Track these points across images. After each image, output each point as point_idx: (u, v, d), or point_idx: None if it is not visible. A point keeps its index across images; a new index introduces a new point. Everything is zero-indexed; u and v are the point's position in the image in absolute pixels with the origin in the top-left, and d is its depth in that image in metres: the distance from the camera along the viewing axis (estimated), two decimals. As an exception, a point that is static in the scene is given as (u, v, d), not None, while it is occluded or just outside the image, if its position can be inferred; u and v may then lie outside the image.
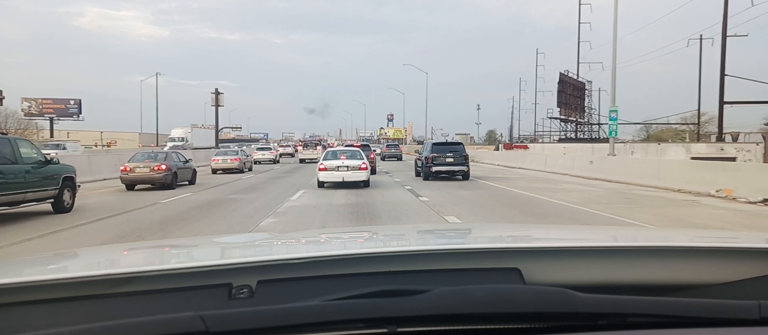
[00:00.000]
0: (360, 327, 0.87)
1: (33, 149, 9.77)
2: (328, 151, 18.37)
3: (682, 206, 11.43)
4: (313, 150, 34.28)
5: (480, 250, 1.28)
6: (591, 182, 17.94)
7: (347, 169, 15.21)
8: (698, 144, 36.05)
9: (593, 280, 1.13)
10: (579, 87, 60.63)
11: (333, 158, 16.22)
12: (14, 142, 9.15)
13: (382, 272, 1.11)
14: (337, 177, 15.23)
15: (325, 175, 15.47)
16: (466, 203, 10.98)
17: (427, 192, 13.69)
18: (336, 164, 15.52)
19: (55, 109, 60.47)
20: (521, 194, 13.98)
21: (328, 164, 15.67)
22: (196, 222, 9.20)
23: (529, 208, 10.90)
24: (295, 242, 1.73)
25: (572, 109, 59.45)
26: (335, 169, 15.26)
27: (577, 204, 11.33)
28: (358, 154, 16.66)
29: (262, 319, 0.85)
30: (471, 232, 2.18)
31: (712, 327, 0.92)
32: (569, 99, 58.60)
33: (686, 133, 53.07)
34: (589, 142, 52.28)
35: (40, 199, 9.37)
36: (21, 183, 8.83)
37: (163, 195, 13.28)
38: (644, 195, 13.74)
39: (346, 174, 15.17)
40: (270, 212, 10.21)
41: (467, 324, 0.91)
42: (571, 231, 2.40)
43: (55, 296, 0.97)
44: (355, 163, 15.61)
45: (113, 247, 3.44)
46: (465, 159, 18.03)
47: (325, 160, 16.08)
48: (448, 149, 18.45)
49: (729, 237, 1.71)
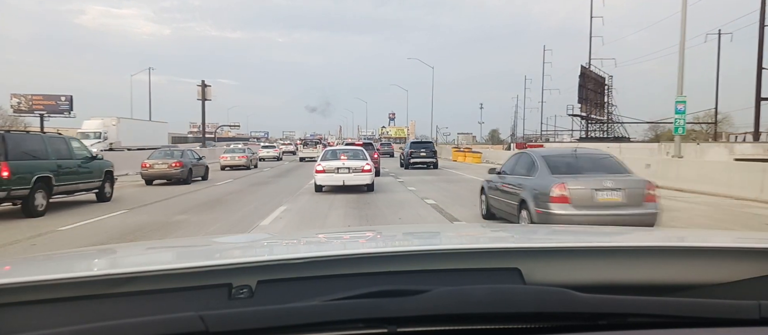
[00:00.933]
0: (360, 327, 0.93)
1: (81, 146, 12.01)
2: (326, 150, 16.69)
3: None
4: (313, 148, 36.56)
5: (480, 250, 1.35)
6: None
7: (349, 171, 14.09)
8: (742, 144, 34.68)
9: (593, 280, 1.20)
10: (599, 82, 58.20)
11: (332, 158, 14.93)
12: (68, 141, 11.49)
13: (382, 272, 1.18)
14: (337, 180, 14.06)
15: (324, 178, 14.25)
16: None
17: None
18: (335, 165, 14.32)
19: (45, 105, 61.11)
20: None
21: (326, 165, 14.37)
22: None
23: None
24: (295, 242, 1.81)
25: (593, 106, 56.88)
26: (334, 171, 14.14)
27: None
28: (360, 154, 15.37)
29: (262, 319, 0.90)
30: (471, 232, 2.28)
31: (712, 327, 0.97)
32: (590, 94, 56.31)
33: (698, 133, 52.34)
34: (612, 141, 50.41)
35: (88, 189, 11.63)
36: (75, 175, 11.09)
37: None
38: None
39: (348, 177, 14.05)
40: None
41: (467, 324, 0.97)
42: (571, 231, 2.60)
43: (55, 296, 1.03)
44: (357, 163, 14.39)
45: (113, 247, 3.59)
46: (434, 154, 26.03)
47: (323, 161, 14.72)
48: (422, 146, 27.10)
49: (729, 237, 1.81)
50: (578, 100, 54.88)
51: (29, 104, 60.33)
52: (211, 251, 1.66)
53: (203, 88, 49.50)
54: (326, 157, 15.17)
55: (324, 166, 14.38)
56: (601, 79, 58.45)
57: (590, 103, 55.91)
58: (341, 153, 15.39)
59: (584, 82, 55.01)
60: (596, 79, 57.34)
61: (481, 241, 1.75)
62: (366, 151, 16.23)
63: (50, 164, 10.21)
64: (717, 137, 45.90)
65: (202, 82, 49.51)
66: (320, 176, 14.31)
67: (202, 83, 49.52)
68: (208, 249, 1.70)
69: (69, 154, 11.06)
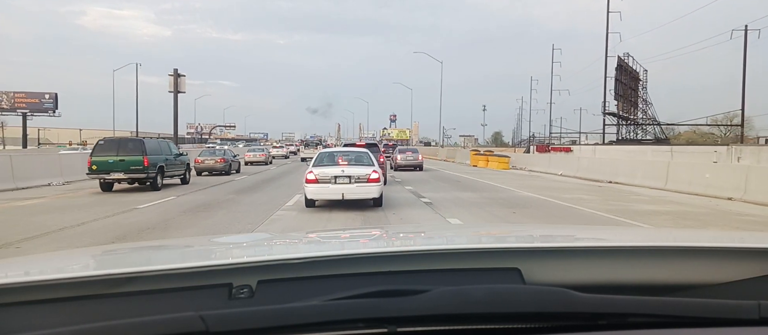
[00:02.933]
0: (360, 327, 1.03)
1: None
2: (321, 152, 14.37)
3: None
4: (314, 149, 40.22)
5: (480, 250, 1.50)
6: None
7: (349, 181, 11.89)
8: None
9: (593, 280, 1.33)
10: (634, 77, 55.53)
11: (329, 163, 12.61)
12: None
13: (382, 272, 1.31)
14: (334, 192, 11.87)
15: (316, 190, 11.90)
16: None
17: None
18: (332, 173, 11.95)
19: (28, 103, 65.24)
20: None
21: (320, 173, 11.91)
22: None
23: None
24: (295, 242, 2.02)
25: (629, 103, 54.67)
26: (331, 181, 11.85)
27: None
28: (364, 158, 13.13)
29: (263, 319, 1.01)
30: (471, 232, 2.54)
31: (712, 327, 1.09)
32: (626, 91, 53.57)
33: (717, 137, 53.64)
34: (652, 143, 49.61)
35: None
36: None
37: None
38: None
39: (348, 190, 11.84)
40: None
41: (467, 324, 1.07)
42: (571, 231, 2.78)
43: (55, 296, 1.14)
44: (361, 171, 12.15)
45: (114, 247, 3.95)
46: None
47: (316, 167, 12.30)
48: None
49: (729, 237, 1.99)
50: (614, 97, 51.75)
51: (11, 102, 64.06)
52: (211, 251, 1.87)
53: (175, 78, 47.40)
54: (321, 162, 12.80)
55: (317, 174, 11.93)
56: (636, 74, 55.81)
57: (627, 100, 53.52)
58: (340, 156, 13.28)
59: (620, 75, 51.68)
60: (632, 73, 54.53)
61: (481, 241, 1.95)
62: (371, 154, 13.86)
63: (163, 158, 18.06)
64: (744, 140, 46.38)
65: (174, 71, 47.38)
66: (312, 187, 11.92)
67: (175, 72, 47.44)
68: (208, 249, 1.90)
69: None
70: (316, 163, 12.85)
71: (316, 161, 12.98)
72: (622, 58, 53.76)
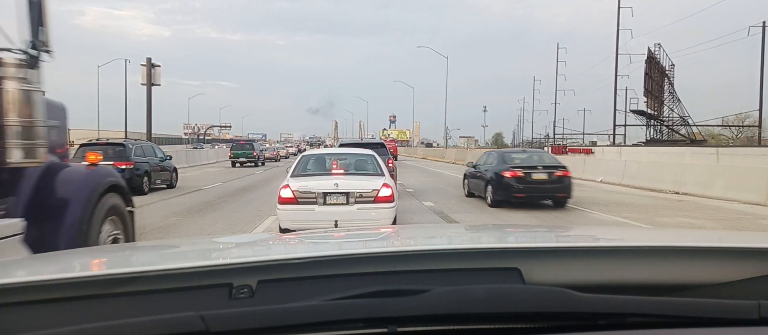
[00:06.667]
0: (360, 326, 1.06)
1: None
2: (304, 156, 10.10)
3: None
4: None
5: (480, 250, 1.53)
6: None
7: (347, 201, 7.87)
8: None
9: (593, 280, 1.35)
10: (662, 71, 51.12)
11: (316, 172, 8.88)
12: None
13: (382, 272, 1.34)
14: (323, 218, 7.74)
15: (293, 216, 7.82)
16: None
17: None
18: (321, 188, 7.87)
19: None
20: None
21: (301, 188, 7.89)
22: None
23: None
24: (295, 242, 2.06)
25: (657, 101, 50.59)
26: (318, 200, 7.85)
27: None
28: (369, 164, 9.22)
29: (263, 319, 1.03)
30: (471, 232, 2.58)
31: (712, 327, 1.10)
32: (655, 87, 49.45)
33: (728, 138, 51.48)
34: (686, 144, 44.03)
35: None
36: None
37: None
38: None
39: (345, 215, 7.74)
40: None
41: (467, 324, 1.09)
42: (571, 231, 2.82)
43: (55, 296, 1.16)
44: (365, 184, 8.12)
45: (113, 247, 4.01)
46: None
47: (296, 178, 8.36)
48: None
49: (729, 237, 1.99)
50: (644, 93, 48.70)
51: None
52: (211, 251, 1.90)
53: (149, 68, 39.88)
54: (304, 170, 8.92)
55: (297, 189, 7.90)
56: (662, 68, 51.46)
57: (655, 97, 49.87)
58: (336, 159, 9.26)
59: (650, 69, 48.21)
60: (660, 68, 50.69)
61: (481, 241, 1.98)
62: (379, 158, 9.54)
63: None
64: (761, 141, 44.22)
65: (148, 61, 40.42)
66: (288, 210, 7.87)
67: (148, 62, 40.21)
68: (208, 249, 1.94)
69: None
70: (297, 171, 8.85)
71: (298, 169, 8.92)
72: (653, 51, 50.39)
